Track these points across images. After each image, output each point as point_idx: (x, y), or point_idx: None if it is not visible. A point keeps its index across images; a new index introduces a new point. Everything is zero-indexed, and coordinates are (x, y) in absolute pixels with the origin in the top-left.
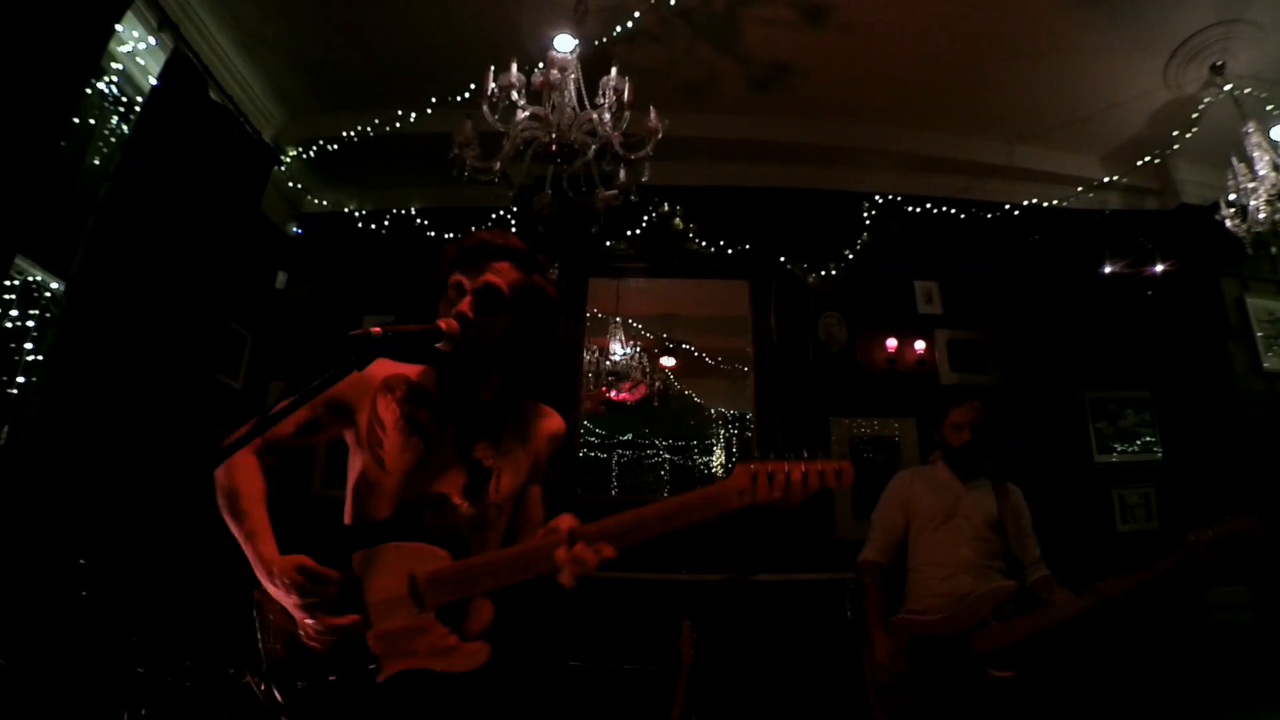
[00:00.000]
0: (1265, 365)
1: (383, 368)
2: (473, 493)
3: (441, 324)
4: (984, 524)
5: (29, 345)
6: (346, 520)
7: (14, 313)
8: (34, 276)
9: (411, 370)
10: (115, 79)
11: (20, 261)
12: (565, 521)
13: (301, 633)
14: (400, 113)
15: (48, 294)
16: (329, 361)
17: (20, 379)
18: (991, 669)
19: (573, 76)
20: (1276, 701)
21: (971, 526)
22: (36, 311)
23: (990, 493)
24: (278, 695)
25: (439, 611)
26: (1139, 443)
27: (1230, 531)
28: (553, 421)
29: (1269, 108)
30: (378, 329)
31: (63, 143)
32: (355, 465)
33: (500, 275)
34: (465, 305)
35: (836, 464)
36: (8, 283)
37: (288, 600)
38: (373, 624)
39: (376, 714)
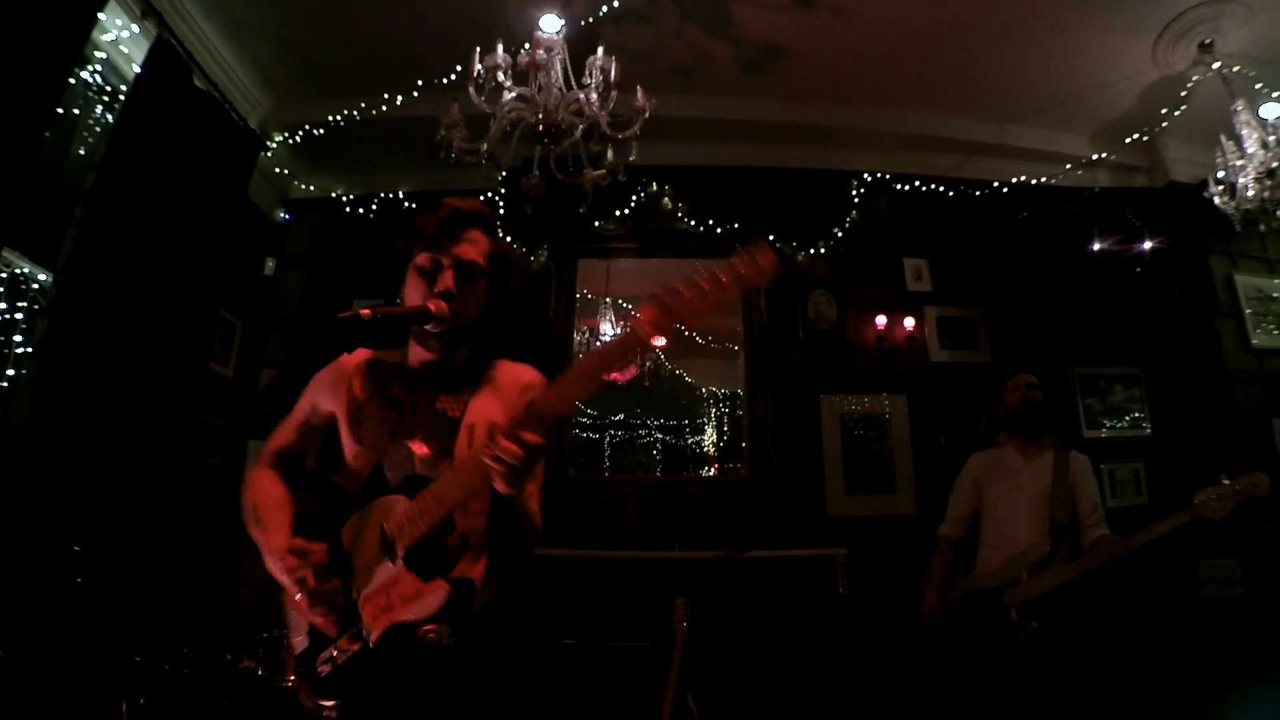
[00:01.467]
0: (1254, 342)
1: (356, 355)
2: (432, 438)
3: (430, 306)
4: (1040, 496)
5: (18, 338)
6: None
7: (2, 305)
8: (21, 269)
9: (386, 353)
10: (99, 68)
11: (8, 254)
12: (485, 426)
13: (306, 617)
14: (386, 96)
15: (35, 286)
16: (320, 345)
17: (10, 372)
18: (1020, 618)
19: (559, 57)
20: (1267, 675)
21: (1028, 500)
22: (25, 304)
23: (1049, 464)
24: (310, 689)
25: (406, 558)
26: (1128, 419)
27: (1236, 490)
28: (525, 373)
29: (1258, 86)
30: (366, 311)
31: (47, 134)
32: (345, 453)
33: (476, 245)
34: (448, 280)
35: (753, 253)
36: None
37: (285, 581)
38: (361, 589)
39: (374, 677)
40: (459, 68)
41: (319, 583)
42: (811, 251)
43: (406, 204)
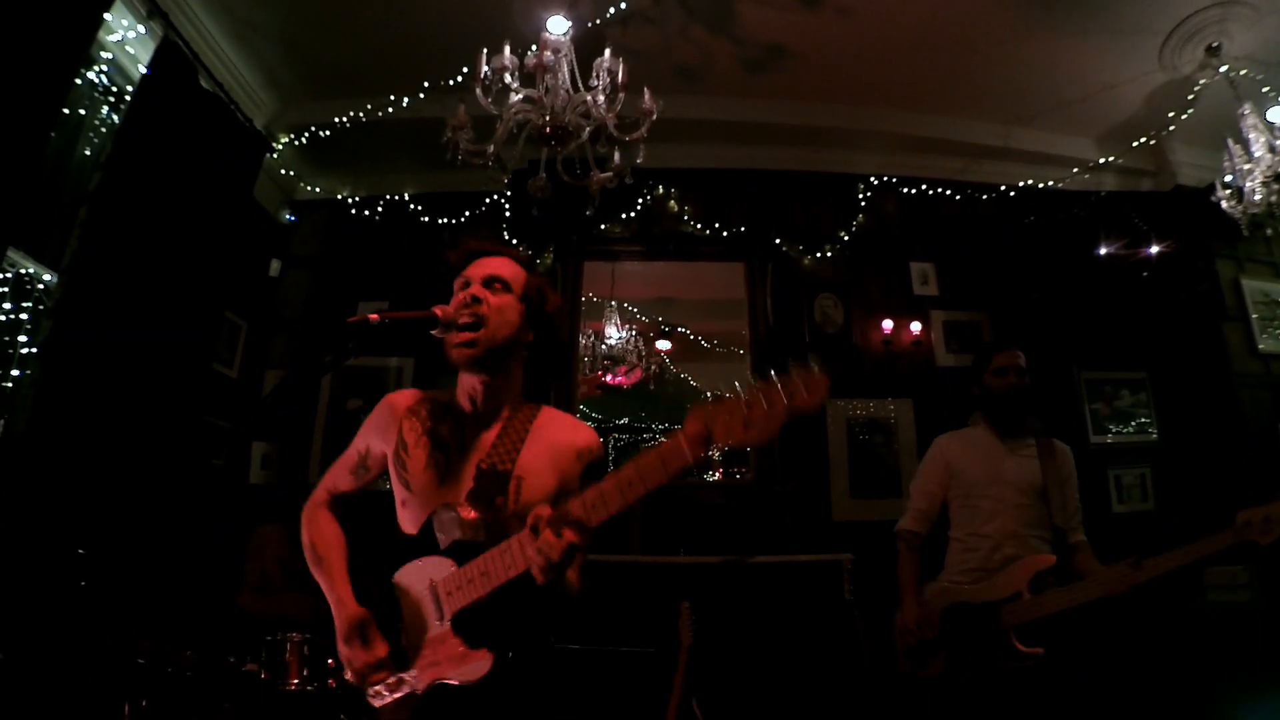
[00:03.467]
0: (1261, 346)
1: (407, 396)
2: (480, 498)
3: (437, 310)
4: (1028, 489)
5: (23, 338)
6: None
7: (7, 305)
8: (26, 269)
9: (440, 392)
10: (105, 69)
11: (13, 254)
12: (534, 513)
13: (345, 672)
14: (392, 98)
15: (40, 286)
16: (326, 348)
17: (15, 372)
18: (1021, 643)
19: (566, 59)
20: (1272, 681)
21: (1015, 493)
22: (30, 304)
23: (1034, 453)
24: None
25: (454, 620)
26: (1134, 424)
27: None
28: (581, 435)
29: (1265, 89)
30: (374, 315)
31: (53, 134)
32: (395, 496)
33: (500, 268)
34: (475, 289)
35: (800, 380)
36: (1, 276)
37: (343, 651)
38: (414, 641)
39: None
40: (466, 69)
41: (374, 673)
42: (818, 254)
43: (412, 205)
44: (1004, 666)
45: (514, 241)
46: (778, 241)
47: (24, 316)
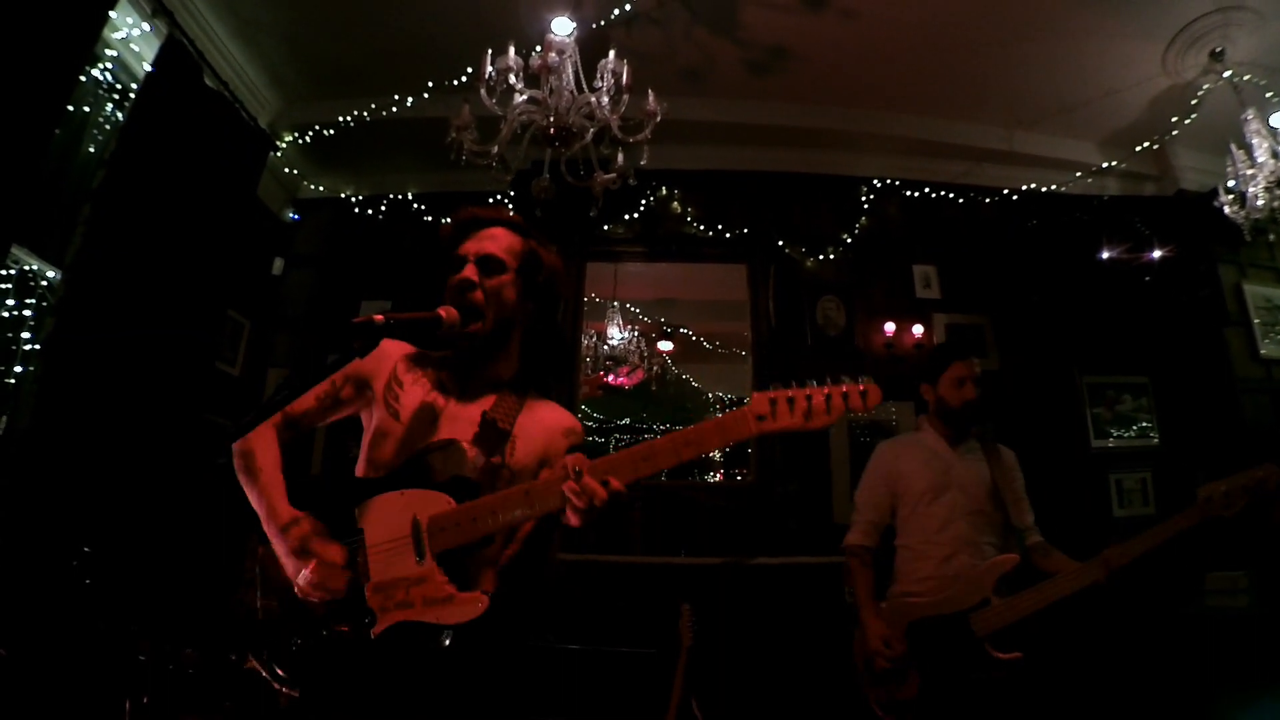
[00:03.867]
0: (1262, 352)
1: (404, 346)
2: (484, 443)
3: (441, 312)
4: (981, 495)
5: (26, 335)
6: (358, 474)
7: (10, 302)
8: (30, 266)
9: (434, 352)
10: (110, 66)
11: (16, 251)
12: (574, 459)
13: (297, 588)
14: (397, 97)
15: (44, 283)
16: (329, 348)
17: (18, 369)
18: (996, 650)
19: (570, 60)
20: (1272, 687)
21: (967, 499)
22: (33, 301)
23: (982, 458)
24: (268, 659)
25: (439, 559)
26: (1136, 428)
27: (1244, 484)
28: (567, 417)
29: (1268, 95)
30: (380, 316)
31: (57, 131)
32: (370, 425)
33: (495, 240)
34: (469, 271)
35: (861, 385)
36: (4, 272)
37: (288, 560)
38: (371, 575)
39: (369, 670)
40: (470, 69)
41: (335, 581)
42: (820, 257)
43: (415, 205)
44: (982, 678)
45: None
46: (780, 243)
47: (27, 313)
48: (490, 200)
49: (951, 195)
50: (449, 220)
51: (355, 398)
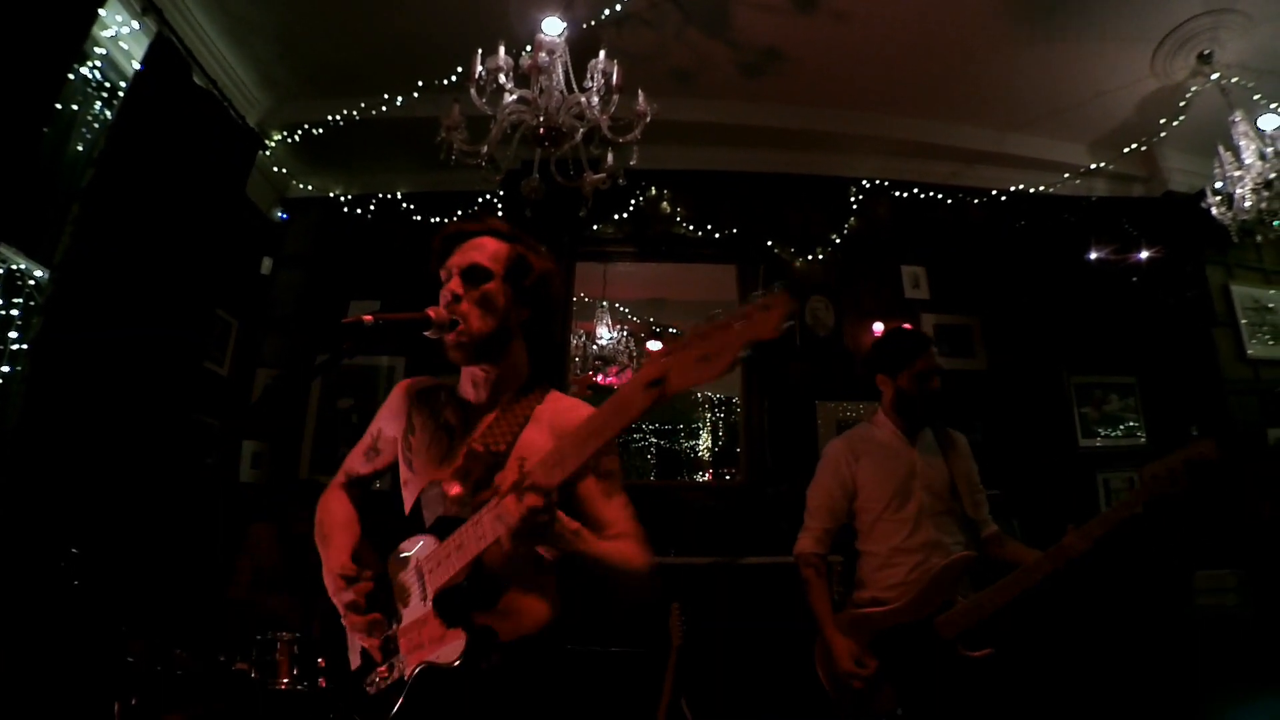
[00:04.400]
0: (1249, 352)
1: (421, 382)
2: (467, 473)
3: (430, 312)
4: (943, 491)
5: (13, 334)
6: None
7: None
8: (18, 265)
9: (452, 379)
10: (98, 64)
11: (4, 250)
12: (503, 475)
13: (356, 639)
14: (386, 97)
15: (31, 282)
16: (318, 348)
17: (6, 368)
18: (966, 650)
19: (561, 60)
20: (1261, 686)
21: (933, 499)
22: (21, 300)
23: (938, 450)
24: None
25: (435, 600)
26: (1123, 427)
27: (1186, 459)
28: (583, 411)
29: (1256, 97)
30: (369, 317)
31: (46, 130)
32: (401, 474)
33: (479, 250)
34: (454, 285)
35: (759, 303)
36: None
37: (335, 601)
38: (402, 619)
39: (406, 711)
40: (460, 69)
41: (361, 611)
42: (809, 257)
43: (405, 205)
44: (958, 680)
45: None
46: (769, 244)
47: (15, 313)
48: (479, 200)
49: (940, 196)
50: (437, 236)
51: (389, 447)
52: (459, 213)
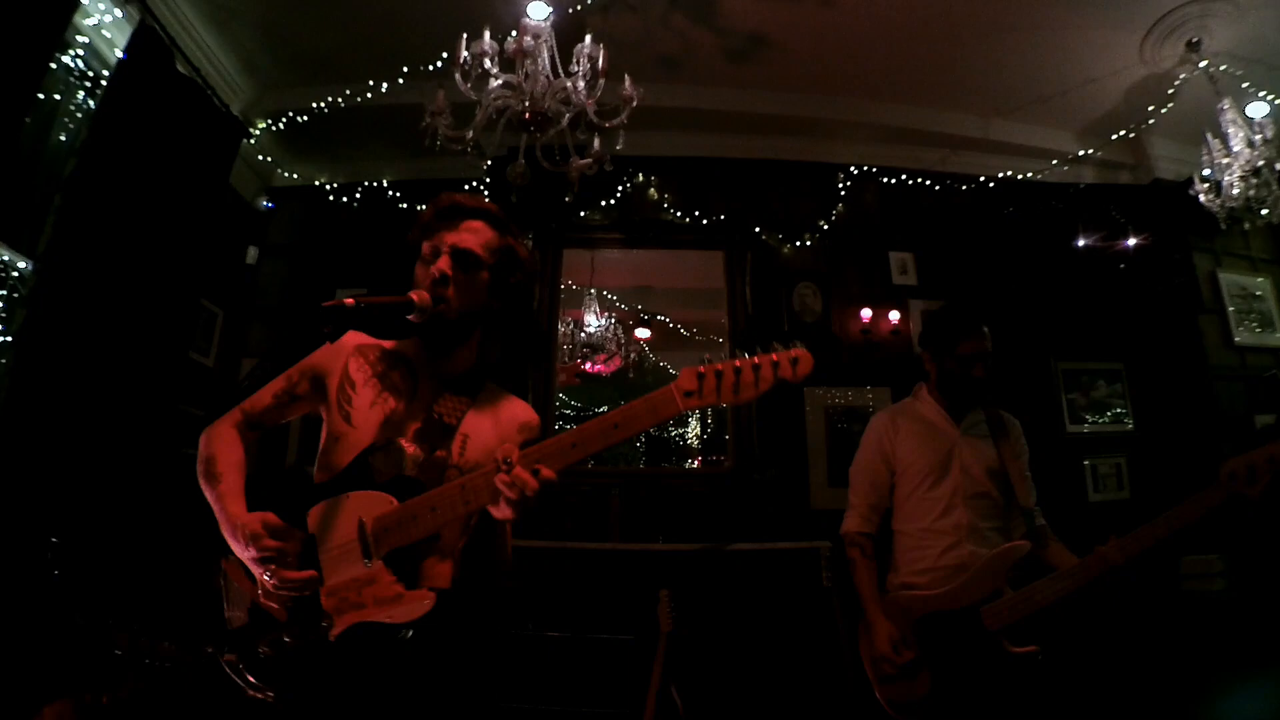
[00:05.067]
0: (1236, 339)
1: (356, 337)
2: (425, 440)
3: (414, 296)
4: (984, 476)
5: None
6: (315, 478)
7: None
8: (1, 256)
9: (388, 342)
10: (81, 53)
11: None
12: (504, 449)
13: (260, 593)
14: (371, 83)
15: (15, 274)
16: (302, 334)
17: None
18: (1011, 645)
19: (546, 44)
20: (1248, 668)
21: (971, 482)
22: (4, 292)
23: (987, 433)
24: (240, 666)
25: (387, 559)
26: (1110, 414)
27: (1270, 457)
28: (525, 412)
29: (1244, 85)
30: (350, 300)
31: (27, 119)
32: (325, 426)
33: (475, 234)
34: (444, 264)
35: (790, 353)
36: None
37: (247, 556)
38: (325, 579)
39: (330, 673)
40: (445, 54)
41: (290, 567)
42: (797, 244)
43: (391, 192)
44: (998, 675)
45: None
46: (757, 230)
47: None
48: (466, 188)
49: (928, 183)
50: (429, 205)
51: (312, 394)
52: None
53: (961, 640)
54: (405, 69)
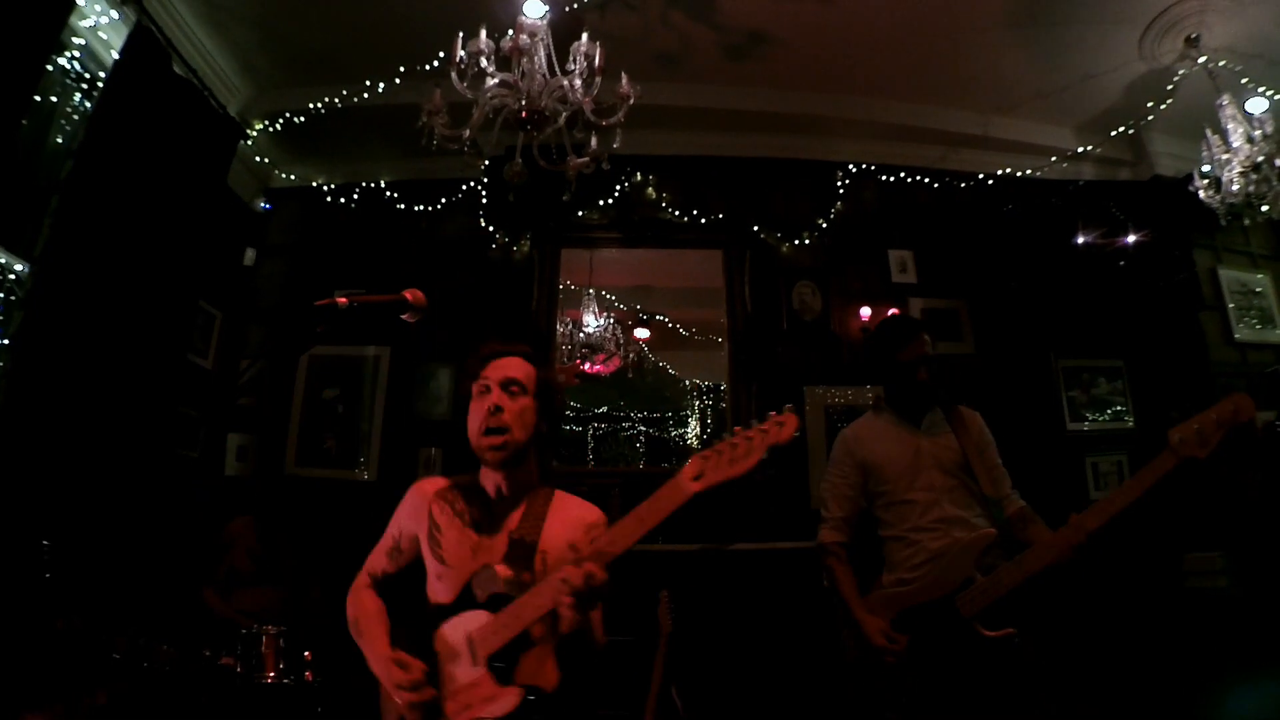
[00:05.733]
0: (1237, 336)
1: (432, 484)
2: (513, 559)
3: (407, 294)
4: (953, 468)
5: None
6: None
7: None
8: None
9: (463, 478)
10: (77, 54)
11: None
12: (563, 572)
13: (405, 707)
14: (368, 83)
15: (11, 276)
16: (298, 335)
17: None
18: (986, 629)
19: (543, 43)
20: (1251, 665)
21: (944, 475)
22: (1, 294)
23: (948, 428)
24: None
25: (488, 663)
26: (1111, 411)
27: (1216, 418)
28: (590, 512)
29: (1243, 80)
30: (343, 299)
31: (24, 121)
32: (428, 569)
33: (515, 369)
34: (497, 396)
35: (774, 420)
36: None
37: (389, 686)
38: (448, 693)
39: None
40: (442, 54)
41: (421, 689)
42: (796, 242)
43: (388, 193)
44: (974, 660)
45: (491, 228)
46: (756, 229)
47: None
48: (464, 187)
49: (927, 180)
50: (471, 355)
51: (412, 546)
52: (443, 200)
53: (940, 629)
54: (402, 68)
